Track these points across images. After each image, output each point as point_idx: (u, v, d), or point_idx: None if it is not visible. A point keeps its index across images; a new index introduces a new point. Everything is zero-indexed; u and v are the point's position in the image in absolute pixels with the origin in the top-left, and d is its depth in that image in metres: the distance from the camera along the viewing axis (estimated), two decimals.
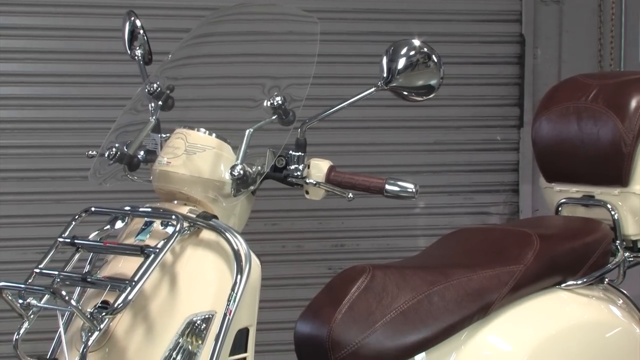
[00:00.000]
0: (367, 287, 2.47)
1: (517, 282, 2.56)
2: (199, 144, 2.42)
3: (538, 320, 2.61)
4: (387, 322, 2.46)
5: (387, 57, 2.36)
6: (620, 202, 2.76)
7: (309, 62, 2.41)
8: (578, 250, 2.68)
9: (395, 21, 4.50)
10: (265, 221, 4.35)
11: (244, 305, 2.28)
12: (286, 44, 2.61)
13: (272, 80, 2.50)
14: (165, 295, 2.32)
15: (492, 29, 4.62)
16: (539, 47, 4.67)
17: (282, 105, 2.39)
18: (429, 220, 4.60)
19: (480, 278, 2.55)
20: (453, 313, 2.51)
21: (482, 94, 4.62)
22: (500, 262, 2.59)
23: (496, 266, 2.57)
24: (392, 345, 2.46)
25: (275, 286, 4.29)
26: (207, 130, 2.44)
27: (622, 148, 2.73)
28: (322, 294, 2.53)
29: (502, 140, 4.67)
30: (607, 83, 2.84)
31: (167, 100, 2.53)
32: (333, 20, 4.41)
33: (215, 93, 2.66)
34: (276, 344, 4.00)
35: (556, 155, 2.91)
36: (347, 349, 2.43)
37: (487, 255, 2.64)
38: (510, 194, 4.70)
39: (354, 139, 4.50)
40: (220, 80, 2.68)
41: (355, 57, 4.43)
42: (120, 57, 3.89)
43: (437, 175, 4.60)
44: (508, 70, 4.65)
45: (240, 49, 2.69)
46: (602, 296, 2.73)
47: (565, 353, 2.60)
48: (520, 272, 2.57)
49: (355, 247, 4.49)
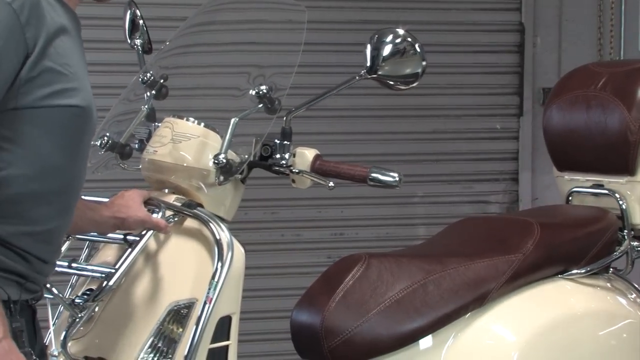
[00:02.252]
0: (362, 275, 2.49)
1: (516, 271, 2.56)
2: (185, 132, 2.44)
3: (536, 309, 2.60)
4: (381, 311, 2.47)
5: (371, 45, 2.37)
6: (628, 191, 2.74)
7: (295, 51, 2.42)
8: (581, 239, 2.67)
9: (396, 10, 4.54)
10: (264, 210, 4.39)
11: (226, 293, 2.29)
12: (273, 33, 2.62)
13: (257, 69, 2.52)
14: (149, 282, 2.35)
15: (492, 18, 4.65)
16: (539, 35, 4.71)
17: (267, 94, 2.40)
18: (428, 209, 4.63)
19: (478, 267, 2.55)
20: (448, 302, 2.51)
21: (481, 83, 4.65)
22: (499, 251, 2.58)
23: (495, 255, 2.57)
24: (386, 333, 2.47)
25: (274, 275, 4.38)
26: (195, 119, 2.46)
27: (628, 137, 2.71)
28: (318, 283, 2.56)
29: (501, 129, 4.70)
30: (616, 71, 2.82)
31: (161, 89, 2.55)
32: (329, 9, 4.42)
33: (206, 82, 2.68)
34: (275, 332, 4.04)
35: (566, 144, 2.89)
36: (340, 337, 2.44)
37: (487, 244, 2.64)
38: (510, 183, 4.73)
39: (354, 128, 4.54)
40: (211, 69, 2.70)
41: (348, 46, 4.37)
42: (119, 45, 3.93)
43: (437, 164, 4.63)
44: (508, 58, 4.68)
45: (231, 38, 2.71)
46: (606, 285, 2.71)
47: (563, 342, 2.60)
48: (518, 261, 2.56)
49: (354, 235, 4.51)
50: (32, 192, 1.90)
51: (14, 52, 1.81)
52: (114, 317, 2.35)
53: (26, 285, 1.93)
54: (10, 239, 1.88)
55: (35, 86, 1.85)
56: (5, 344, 1.81)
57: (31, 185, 1.89)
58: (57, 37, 1.90)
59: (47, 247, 1.95)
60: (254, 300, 4.15)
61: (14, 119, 1.85)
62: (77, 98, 1.91)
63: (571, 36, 4.74)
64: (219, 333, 2.33)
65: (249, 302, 4.12)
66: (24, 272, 1.92)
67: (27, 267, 1.92)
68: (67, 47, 1.92)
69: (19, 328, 1.90)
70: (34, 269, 1.94)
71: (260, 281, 4.31)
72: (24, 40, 1.82)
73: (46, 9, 1.88)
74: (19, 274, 1.91)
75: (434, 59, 4.25)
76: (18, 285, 1.91)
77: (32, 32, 1.83)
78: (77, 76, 1.92)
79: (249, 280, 4.20)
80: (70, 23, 1.97)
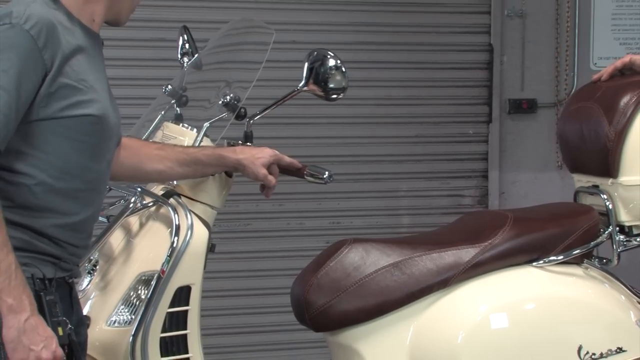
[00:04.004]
0: (343, 257, 2.56)
1: (479, 259, 2.58)
2: (170, 133, 2.58)
3: (494, 293, 2.60)
4: (354, 288, 2.55)
5: (307, 62, 2.49)
6: (615, 192, 2.72)
7: (255, 69, 2.53)
8: (551, 231, 2.65)
9: (384, 32, 4.67)
10: (273, 202, 4.56)
11: (185, 267, 2.43)
12: (240, 53, 2.72)
13: (224, 83, 2.63)
14: (127, 257, 2.51)
15: (464, 40, 4.79)
16: (505, 54, 4.85)
17: (230, 103, 2.52)
18: (411, 202, 4.78)
19: (446, 254, 2.58)
20: (412, 284, 2.55)
21: (456, 95, 4.79)
22: (469, 240, 2.62)
23: (464, 244, 2.60)
24: (354, 308, 2.55)
25: (281, 257, 4.59)
26: (184, 123, 2.59)
27: (606, 144, 2.70)
28: (311, 263, 2.65)
29: (473, 134, 4.83)
30: (611, 85, 2.80)
31: (181, 98, 2.64)
32: (314, 10, 4.55)
33: (203, 94, 2.74)
34: (281, 306, 4.06)
35: (571, 149, 2.89)
36: (317, 309, 2.55)
37: (466, 235, 2.66)
38: (481, 179, 4.87)
39: (347, 132, 4.66)
40: (208, 84, 2.81)
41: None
42: (148, 63, 4.30)
43: (419, 163, 4.76)
44: (479, 74, 4.82)
45: (222, 58, 2.80)
46: (577, 274, 2.67)
47: (514, 324, 2.55)
48: (482, 250, 2.58)
49: (349, 224, 4.67)
50: (59, 190, 1.97)
51: (33, 72, 1.88)
52: (98, 286, 2.52)
53: (60, 265, 2.01)
54: (44, 229, 1.96)
55: (54, 100, 1.91)
56: (32, 320, 1.86)
57: (57, 184, 1.96)
58: (73, 56, 1.94)
59: (76, 235, 2.03)
60: (265, 279, 4.57)
61: (37, 129, 1.92)
62: (92, 108, 1.96)
63: (533, 55, 4.86)
64: (178, 299, 2.46)
65: (261, 281, 4.51)
66: (57, 254, 1.99)
67: (61, 250, 2.00)
68: (82, 65, 1.97)
69: (53, 300, 1.94)
70: (66, 252, 2.02)
71: (270, 262, 4.59)
72: (42, 61, 1.89)
73: (62, 33, 1.93)
74: (53, 256, 1.99)
75: (416, 74, 4.63)
76: (53, 265, 1.98)
77: (49, 54, 1.89)
78: (93, 89, 1.97)
79: (261, 262, 4.57)
80: (89, 43, 2.02)
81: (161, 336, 2.44)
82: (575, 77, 4.89)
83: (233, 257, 4.55)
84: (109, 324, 2.46)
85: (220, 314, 4.55)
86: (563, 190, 4.81)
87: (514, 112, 4.88)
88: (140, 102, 4.12)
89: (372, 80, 4.69)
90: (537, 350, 2.55)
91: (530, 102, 4.88)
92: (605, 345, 2.58)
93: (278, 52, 2.61)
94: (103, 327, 2.45)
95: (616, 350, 2.59)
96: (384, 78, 4.71)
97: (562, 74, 4.88)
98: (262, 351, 4.62)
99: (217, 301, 4.53)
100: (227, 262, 4.51)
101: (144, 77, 4.39)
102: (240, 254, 4.59)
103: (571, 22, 4.86)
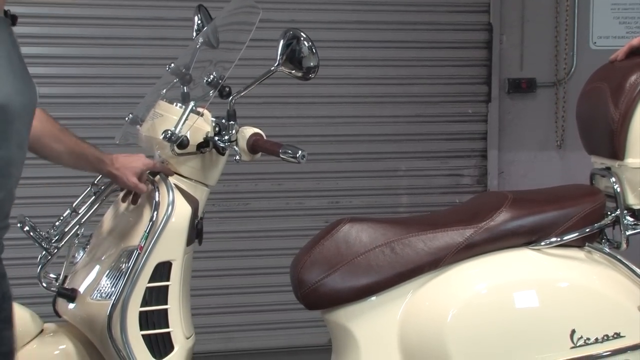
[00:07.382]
0: (337, 236, 2.54)
1: (472, 240, 2.55)
2: (159, 111, 2.59)
3: (486, 273, 2.56)
4: (344, 267, 2.52)
5: (282, 42, 2.50)
6: (622, 175, 2.66)
7: (237, 49, 2.54)
8: (550, 213, 2.61)
9: (381, 12, 4.66)
10: (272, 182, 4.59)
11: (164, 243, 2.46)
12: (227, 33, 2.72)
13: (209, 63, 2.67)
14: (115, 233, 2.56)
15: (464, 19, 4.76)
16: (505, 34, 4.83)
17: (212, 82, 2.56)
18: (410, 181, 4.77)
19: (439, 235, 2.55)
20: (403, 264, 2.53)
21: (456, 74, 4.76)
22: (465, 222, 2.58)
23: (460, 225, 2.57)
24: (344, 286, 2.53)
25: (281, 236, 4.60)
26: (176, 102, 2.58)
27: (611, 126, 2.64)
28: (308, 242, 2.63)
29: (472, 113, 4.81)
30: (621, 65, 2.73)
31: (184, 77, 2.65)
32: (310, 10, 4.54)
33: (199, 73, 2.72)
34: (281, 285, 4.31)
35: (587, 130, 2.83)
36: (309, 287, 2.54)
37: (462, 216, 2.63)
38: (480, 159, 4.86)
39: (347, 112, 4.65)
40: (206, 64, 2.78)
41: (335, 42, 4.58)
42: (155, 42, 4.30)
43: (418, 142, 4.75)
44: (478, 53, 4.79)
45: (219, 38, 2.78)
46: (578, 257, 2.61)
47: (504, 305, 2.52)
48: (475, 231, 2.55)
49: (348, 203, 4.68)
50: None
51: None
52: (90, 260, 2.58)
53: None
54: None
55: None
56: None
57: None
58: None
59: None
60: (264, 258, 4.59)
61: None
62: None
63: (532, 34, 4.84)
64: (159, 274, 2.49)
65: (260, 260, 4.54)
66: None
67: None
68: None
69: None
70: None
71: (269, 242, 4.60)
72: None
73: None
74: None
75: (416, 54, 4.62)
76: None
77: None
78: None
79: (260, 242, 4.63)
80: None
81: (141, 310, 2.48)
82: (574, 56, 4.88)
83: (232, 237, 4.59)
84: (93, 297, 2.50)
85: (220, 293, 4.58)
86: (562, 169, 4.83)
87: (513, 91, 4.87)
88: (141, 82, 4.22)
89: (372, 60, 4.69)
90: (526, 333, 2.50)
91: (529, 81, 4.87)
92: (601, 330, 2.53)
93: (275, 32, 2.57)
94: (87, 300, 2.50)
95: (613, 336, 2.54)
96: (383, 57, 4.70)
97: (562, 54, 4.87)
98: (263, 330, 4.63)
99: (217, 280, 4.56)
100: (227, 242, 4.55)
101: (143, 57, 4.40)
102: (239, 234, 4.61)
103: (570, 1, 4.86)
